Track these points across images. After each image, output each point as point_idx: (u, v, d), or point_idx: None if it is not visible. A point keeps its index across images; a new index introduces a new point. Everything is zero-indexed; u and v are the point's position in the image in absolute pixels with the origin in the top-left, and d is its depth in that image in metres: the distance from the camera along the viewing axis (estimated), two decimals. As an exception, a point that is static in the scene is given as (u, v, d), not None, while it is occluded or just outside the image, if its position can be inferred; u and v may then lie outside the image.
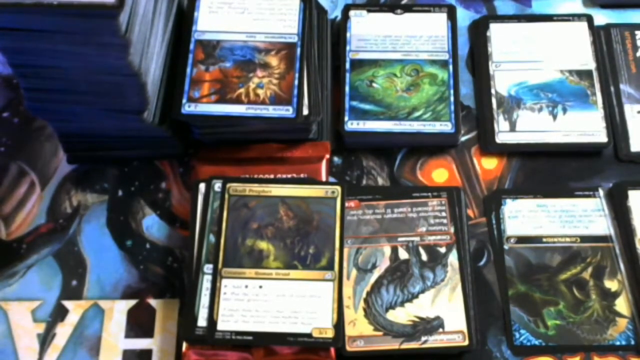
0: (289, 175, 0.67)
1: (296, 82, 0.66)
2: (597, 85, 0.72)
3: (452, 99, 0.70)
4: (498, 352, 0.63)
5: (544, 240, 0.66)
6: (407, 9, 0.75)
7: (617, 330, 0.63)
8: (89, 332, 0.64)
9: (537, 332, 0.63)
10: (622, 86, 0.72)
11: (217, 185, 0.65)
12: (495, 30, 0.75)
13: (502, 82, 0.72)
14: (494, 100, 0.71)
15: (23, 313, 0.64)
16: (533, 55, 0.73)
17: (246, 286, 0.61)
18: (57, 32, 0.54)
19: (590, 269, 0.65)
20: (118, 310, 0.64)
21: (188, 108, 0.65)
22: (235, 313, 0.60)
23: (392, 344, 0.61)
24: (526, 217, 0.67)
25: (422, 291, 0.63)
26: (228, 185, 0.64)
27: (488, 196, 0.69)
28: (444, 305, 0.63)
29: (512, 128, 0.70)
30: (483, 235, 0.67)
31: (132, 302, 0.65)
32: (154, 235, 0.68)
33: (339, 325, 0.59)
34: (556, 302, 0.64)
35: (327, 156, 0.69)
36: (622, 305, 0.63)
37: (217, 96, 0.65)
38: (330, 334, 0.59)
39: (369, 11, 0.75)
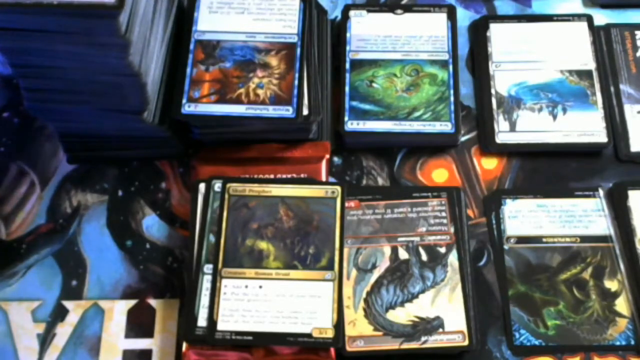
0: (289, 175, 0.67)
1: (296, 82, 0.66)
2: (597, 85, 0.72)
3: (452, 99, 0.70)
4: (498, 352, 0.63)
5: (544, 240, 0.66)
6: (407, 9, 0.75)
7: (617, 330, 0.63)
8: (89, 332, 0.64)
9: (537, 332, 0.63)
10: (622, 86, 0.72)
11: (217, 185, 0.65)
12: (495, 30, 0.75)
13: (502, 82, 0.72)
14: (494, 100, 0.71)
15: (23, 313, 0.64)
16: (533, 55, 0.73)
17: (246, 286, 0.61)
18: (57, 32, 0.54)
19: (590, 269, 0.65)
20: (118, 310, 0.64)
21: (188, 108, 0.65)
22: (235, 313, 0.60)
23: (392, 344, 0.61)
24: (526, 217, 0.67)
25: (422, 291, 0.63)
26: (228, 185, 0.64)
27: (488, 196, 0.69)
28: (444, 306, 0.63)
29: (512, 128, 0.70)
30: (483, 235, 0.67)
31: (132, 302, 0.65)
32: (154, 235, 0.68)
33: (339, 325, 0.59)
34: (556, 302, 0.64)
35: (327, 156, 0.69)
36: (622, 305, 0.63)
37: (217, 96, 0.65)
38: (330, 334, 0.59)
39: (369, 11, 0.75)
